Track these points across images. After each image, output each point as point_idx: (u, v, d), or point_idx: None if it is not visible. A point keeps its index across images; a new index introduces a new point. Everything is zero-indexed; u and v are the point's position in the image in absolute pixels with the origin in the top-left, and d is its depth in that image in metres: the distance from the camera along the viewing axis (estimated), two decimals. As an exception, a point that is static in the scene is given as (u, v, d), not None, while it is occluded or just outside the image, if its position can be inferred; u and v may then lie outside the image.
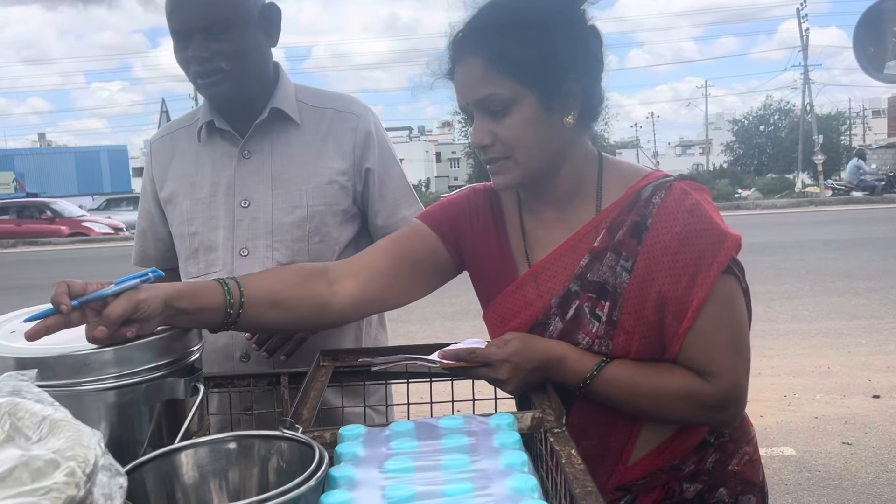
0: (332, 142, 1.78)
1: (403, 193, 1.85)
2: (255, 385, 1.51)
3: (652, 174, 1.33)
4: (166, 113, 27.02)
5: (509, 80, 1.22)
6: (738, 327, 1.27)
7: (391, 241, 1.45)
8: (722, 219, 1.28)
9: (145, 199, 1.93)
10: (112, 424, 1.09)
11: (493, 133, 1.26)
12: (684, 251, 1.23)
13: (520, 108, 1.24)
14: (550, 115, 1.25)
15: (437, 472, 0.94)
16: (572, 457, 1.02)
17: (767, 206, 21.78)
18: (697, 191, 1.28)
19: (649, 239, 1.25)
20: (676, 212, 1.25)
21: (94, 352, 1.08)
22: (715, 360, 1.25)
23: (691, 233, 1.23)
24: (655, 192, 1.27)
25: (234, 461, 0.99)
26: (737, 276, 1.27)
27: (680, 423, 1.33)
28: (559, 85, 1.24)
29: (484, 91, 1.24)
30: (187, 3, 1.65)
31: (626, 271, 1.26)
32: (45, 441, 0.68)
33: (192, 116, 1.88)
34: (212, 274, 1.77)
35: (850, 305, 7.59)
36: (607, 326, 1.27)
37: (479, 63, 1.24)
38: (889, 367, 5.63)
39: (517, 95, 1.23)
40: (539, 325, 1.33)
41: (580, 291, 1.29)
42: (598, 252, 1.28)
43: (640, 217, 1.26)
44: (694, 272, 1.23)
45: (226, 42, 1.64)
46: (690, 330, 1.24)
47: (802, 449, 4.27)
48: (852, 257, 10.04)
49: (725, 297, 1.25)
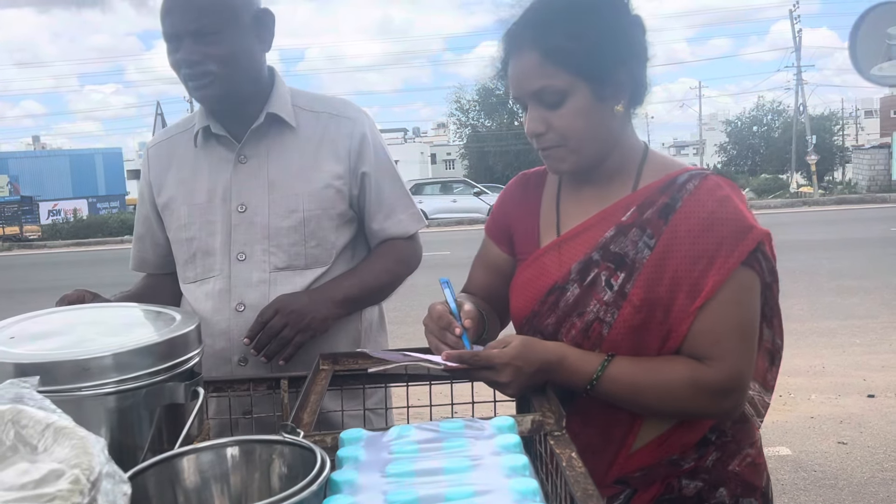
0: (328, 146, 1.78)
1: (399, 196, 1.85)
2: (255, 389, 1.51)
3: (692, 166, 1.38)
4: (161, 116, 26.94)
5: (564, 73, 1.27)
6: (749, 320, 1.29)
7: (481, 262, 1.57)
8: (753, 216, 1.31)
9: (143, 204, 1.93)
10: (112, 429, 1.09)
11: (546, 122, 1.30)
12: (707, 236, 1.26)
13: (574, 99, 1.28)
14: (603, 104, 1.30)
15: (439, 475, 0.94)
16: (573, 459, 1.02)
17: (761, 206, 21.82)
18: (731, 187, 1.33)
19: (675, 220, 1.29)
20: (707, 199, 1.29)
21: (93, 357, 1.08)
22: (720, 343, 1.27)
23: (717, 220, 1.27)
24: (690, 180, 1.32)
25: (236, 466, 0.99)
26: (759, 273, 1.29)
27: (684, 415, 1.33)
28: (610, 75, 1.28)
29: (540, 83, 1.28)
30: (179, 7, 1.65)
31: (648, 248, 1.29)
32: (50, 449, 0.68)
33: (189, 122, 1.88)
34: (209, 279, 1.77)
35: (845, 305, 7.62)
36: (617, 296, 1.30)
37: (534, 56, 1.28)
38: (883, 366, 5.66)
39: (571, 87, 1.27)
40: (557, 289, 1.36)
41: (601, 260, 1.33)
42: (625, 226, 1.32)
43: (672, 200, 1.31)
44: (712, 257, 1.26)
45: (216, 46, 1.64)
46: (701, 311, 1.26)
47: (798, 448, 4.28)
48: (846, 257, 10.07)
49: (741, 288, 1.27)
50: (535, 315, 1.38)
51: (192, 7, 1.64)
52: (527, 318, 1.40)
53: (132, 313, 1.42)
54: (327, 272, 1.77)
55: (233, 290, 1.75)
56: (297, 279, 1.75)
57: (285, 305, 1.66)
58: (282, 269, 1.75)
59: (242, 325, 1.71)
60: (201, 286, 1.79)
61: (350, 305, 1.77)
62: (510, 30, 1.33)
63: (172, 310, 1.35)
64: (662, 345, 1.30)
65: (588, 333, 1.32)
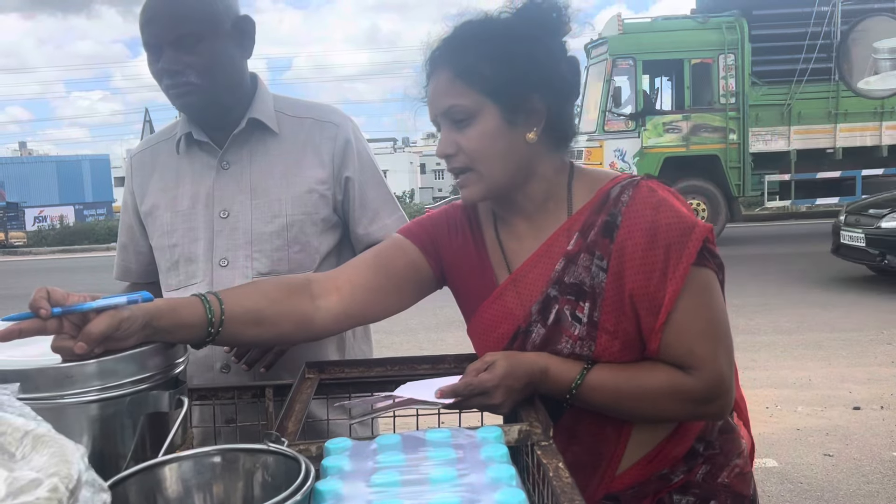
0: (311, 151, 1.78)
1: (384, 201, 1.85)
2: (240, 397, 1.50)
3: (620, 176, 1.35)
4: (149, 122, 26.81)
5: (473, 92, 1.26)
6: (716, 318, 1.27)
7: (374, 254, 1.45)
8: (692, 211, 1.29)
9: (126, 213, 1.92)
10: (95, 438, 1.07)
11: (456, 143, 1.29)
12: (654, 246, 1.24)
13: (482, 120, 1.27)
14: (513, 128, 1.28)
15: (425, 485, 0.93)
16: (559, 470, 1.01)
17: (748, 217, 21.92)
18: (664, 189, 1.31)
19: (620, 237, 1.26)
20: (644, 208, 1.27)
21: (76, 364, 1.07)
22: (695, 353, 1.25)
23: (659, 227, 1.25)
24: (623, 191, 1.30)
25: (219, 475, 0.98)
26: (711, 268, 1.27)
27: (671, 420, 1.33)
28: (521, 100, 1.27)
29: (449, 101, 1.28)
30: (158, 17, 1.64)
31: (602, 270, 1.27)
32: (28, 457, 0.66)
33: (172, 129, 1.88)
34: (192, 286, 1.76)
35: (830, 317, 7.65)
36: (588, 327, 1.28)
37: (447, 75, 1.29)
38: (869, 378, 5.68)
39: (480, 107, 1.27)
40: (522, 333, 1.33)
41: (558, 295, 1.30)
42: (573, 255, 1.30)
43: (610, 216, 1.28)
44: (664, 266, 1.24)
45: (196, 55, 1.64)
46: (667, 324, 1.24)
47: (784, 461, 4.29)
48: (832, 269, 10.13)
49: (699, 288, 1.25)
50: None
51: (172, 17, 1.63)
52: None
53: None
54: (311, 278, 1.76)
55: (215, 296, 1.73)
56: (282, 285, 1.73)
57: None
58: (265, 275, 1.73)
59: (226, 332, 1.70)
60: (184, 293, 1.77)
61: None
62: (432, 52, 1.33)
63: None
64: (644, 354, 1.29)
65: None
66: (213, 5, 1.67)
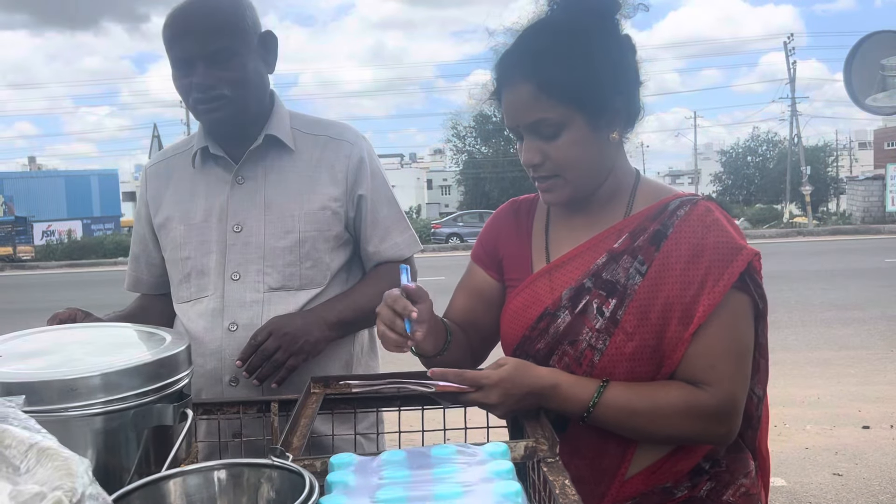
0: (326, 168, 1.78)
1: (395, 220, 1.85)
2: (245, 412, 1.50)
3: (683, 192, 1.38)
4: (158, 138, 26.96)
5: (560, 105, 1.27)
6: (743, 343, 1.29)
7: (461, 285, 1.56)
8: (743, 236, 1.31)
9: (139, 223, 1.92)
10: (99, 451, 1.07)
11: (543, 153, 1.30)
12: (697, 262, 1.27)
13: (570, 131, 1.28)
14: (598, 133, 1.30)
15: (430, 502, 0.92)
16: (566, 487, 1.01)
17: (756, 235, 21.91)
18: (720, 211, 1.33)
19: (666, 247, 1.29)
20: (697, 225, 1.29)
21: (81, 376, 1.07)
22: (716, 368, 1.26)
23: (706, 245, 1.27)
24: (681, 206, 1.32)
25: (224, 490, 0.97)
26: (751, 295, 1.29)
27: (679, 441, 1.32)
28: (606, 104, 1.29)
29: (536, 116, 1.28)
30: (190, 31, 1.65)
31: (639, 274, 1.29)
32: (33, 471, 0.66)
33: (188, 143, 1.89)
34: (203, 298, 1.76)
35: (839, 335, 7.62)
36: (608, 323, 1.29)
37: (529, 88, 1.28)
38: (878, 397, 5.64)
39: (567, 118, 1.27)
40: (548, 315, 1.35)
41: (592, 288, 1.32)
42: (617, 253, 1.32)
43: (663, 226, 1.31)
44: (703, 281, 1.26)
45: (229, 70, 1.65)
46: (695, 336, 1.26)
47: (793, 480, 4.25)
48: (840, 287, 10.09)
49: (733, 311, 1.27)
50: (526, 340, 1.37)
51: (207, 31, 1.64)
52: (518, 343, 1.39)
53: (123, 333, 1.40)
54: (321, 294, 1.76)
55: (226, 309, 1.74)
56: (291, 300, 1.74)
57: (279, 328, 1.65)
58: (276, 290, 1.74)
59: (234, 345, 1.70)
60: (195, 306, 1.78)
61: (343, 328, 1.76)
62: (502, 59, 1.33)
63: (163, 330, 1.33)
64: (657, 371, 1.29)
65: (580, 361, 1.31)
66: (244, 20, 1.69)
